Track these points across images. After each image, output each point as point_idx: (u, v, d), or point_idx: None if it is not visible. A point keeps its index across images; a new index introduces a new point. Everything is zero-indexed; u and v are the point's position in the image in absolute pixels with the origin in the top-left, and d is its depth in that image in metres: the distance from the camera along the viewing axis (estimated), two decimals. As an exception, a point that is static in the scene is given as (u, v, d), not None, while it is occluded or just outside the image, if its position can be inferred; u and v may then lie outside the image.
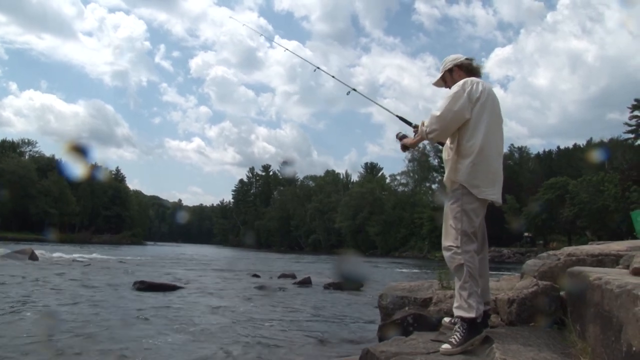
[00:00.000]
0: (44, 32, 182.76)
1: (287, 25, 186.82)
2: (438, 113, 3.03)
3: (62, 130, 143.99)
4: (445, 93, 3.15)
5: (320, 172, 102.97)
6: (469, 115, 3.03)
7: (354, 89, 4.19)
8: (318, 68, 5.04)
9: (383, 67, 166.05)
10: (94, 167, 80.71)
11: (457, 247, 2.98)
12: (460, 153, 3.08)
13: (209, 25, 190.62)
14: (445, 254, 3.06)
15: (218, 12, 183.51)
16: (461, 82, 3.11)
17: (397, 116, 3.72)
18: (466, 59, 3.31)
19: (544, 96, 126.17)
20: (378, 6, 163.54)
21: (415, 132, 3.42)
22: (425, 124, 3.11)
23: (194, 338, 5.47)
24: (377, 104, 4.40)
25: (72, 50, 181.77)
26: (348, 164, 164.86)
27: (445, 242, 3.08)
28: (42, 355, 4.34)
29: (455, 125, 3.06)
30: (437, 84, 3.44)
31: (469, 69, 3.28)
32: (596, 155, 54.33)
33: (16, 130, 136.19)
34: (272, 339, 5.59)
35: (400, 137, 3.48)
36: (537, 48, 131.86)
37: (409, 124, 3.56)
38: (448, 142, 3.25)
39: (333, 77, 4.95)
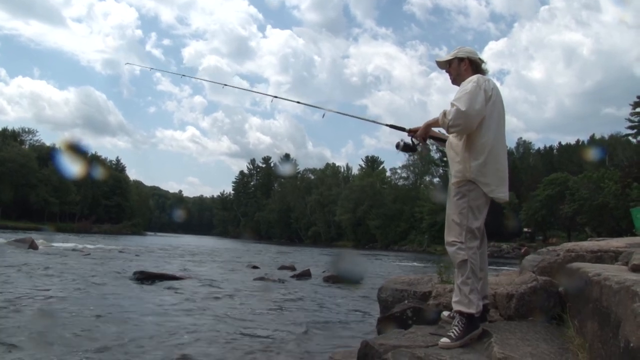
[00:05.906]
0: (31, 17, 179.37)
1: (278, 14, 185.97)
2: (464, 108, 2.90)
3: (56, 118, 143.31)
4: (461, 87, 3.08)
5: (316, 164, 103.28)
6: (485, 114, 3.00)
7: (329, 110, 4.18)
8: (275, 97, 4.93)
9: (376, 59, 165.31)
10: (93, 157, 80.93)
11: (461, 242, 2.99)
12: (472, 151, 3.03)
13: (199, 13, 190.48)
14: (449, 249, 3.06)
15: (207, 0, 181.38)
16: (474, 77, 3.06)
17: (387, 125, 3.62)
18: (479, 59, 3.28)
19: (539, 90, 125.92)
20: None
21: (412, 135, 3.39)
22: (449, 117, 2.96)
23: (191, 329, 5.47)
24: (359, 118, 4.47)
25: (62, 37, 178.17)
26: (345, 157, 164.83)
27: (449, 237, 3.08)
28: (37, 348, 4.33)
29: (477, 122, 2.98)
30: (441, 64, 3.34)
31: (477, 68, 3.25)
32: (596, 152, 54.42)
33: (10, 117, 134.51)
34: (270, 331, 5.61)
35: (403, 147, 3.42)
36: (531, 41, 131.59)
37: (402, 129, 3.47)
38: (453, 138, 3.20)
39: (298, 102, 5.05)
